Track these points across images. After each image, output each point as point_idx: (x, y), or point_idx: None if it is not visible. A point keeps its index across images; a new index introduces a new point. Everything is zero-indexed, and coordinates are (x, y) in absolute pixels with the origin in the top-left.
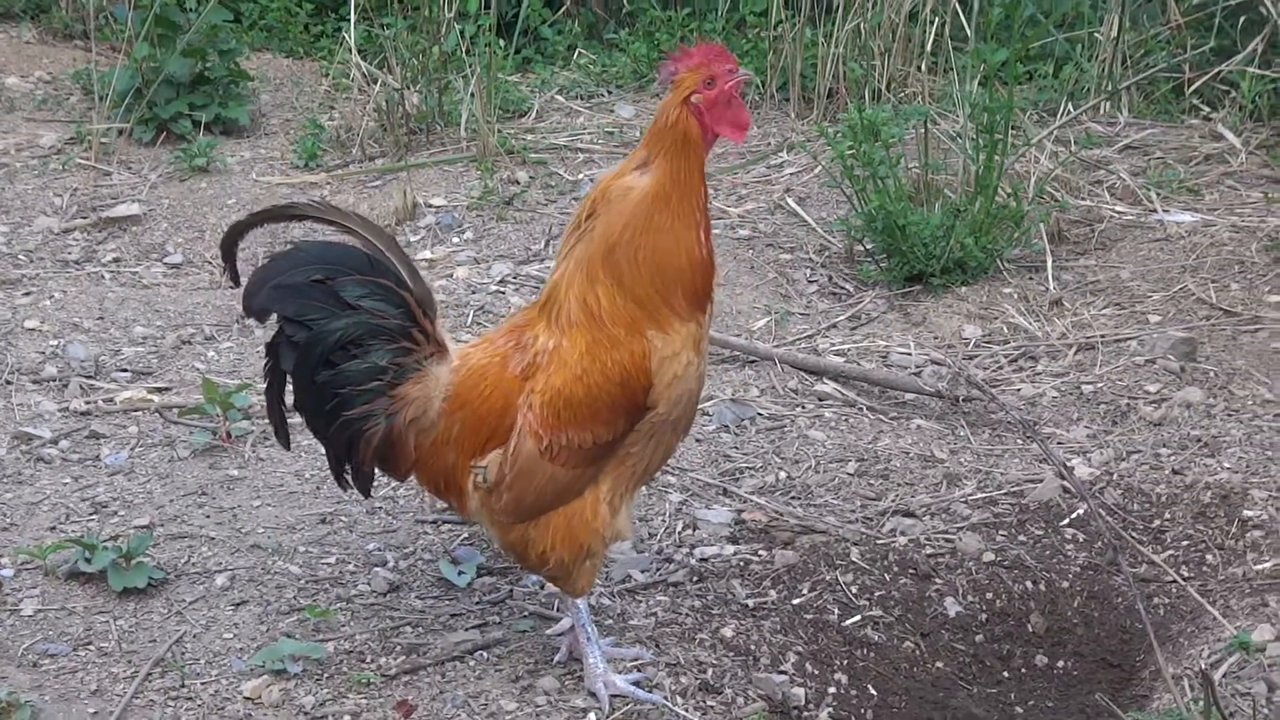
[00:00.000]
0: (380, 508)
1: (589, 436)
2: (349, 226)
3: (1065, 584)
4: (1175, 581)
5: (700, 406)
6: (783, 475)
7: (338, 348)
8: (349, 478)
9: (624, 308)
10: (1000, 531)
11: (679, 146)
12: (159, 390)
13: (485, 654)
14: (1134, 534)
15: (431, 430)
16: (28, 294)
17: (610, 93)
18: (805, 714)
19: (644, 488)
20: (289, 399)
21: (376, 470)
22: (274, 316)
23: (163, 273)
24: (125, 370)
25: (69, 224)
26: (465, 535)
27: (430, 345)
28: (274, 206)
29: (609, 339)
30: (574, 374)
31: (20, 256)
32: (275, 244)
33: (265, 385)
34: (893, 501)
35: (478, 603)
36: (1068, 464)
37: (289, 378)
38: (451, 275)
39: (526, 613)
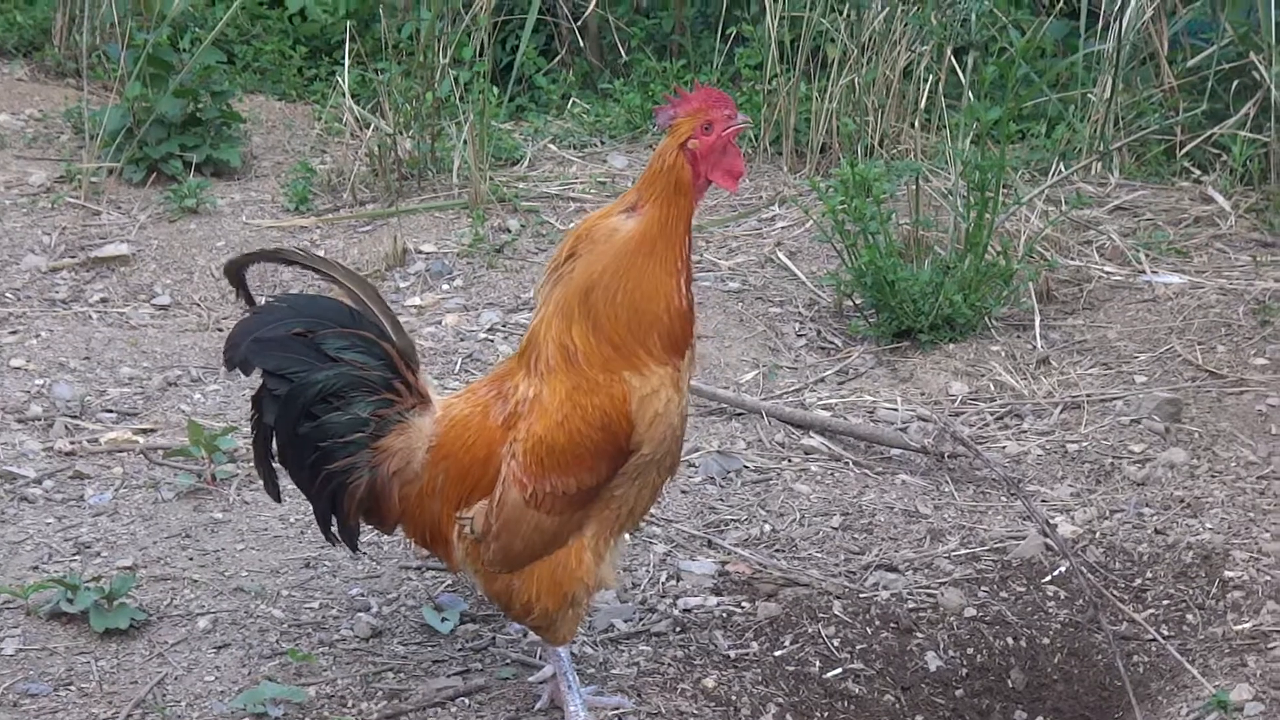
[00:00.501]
0: (364, 553)
1: (573, 482)
2: (333, 276)
3: (1046, 640)
4: (1155, 640)
5: (686, 458)
6: (767, 528)
7: (319, 400)
8: (335, 532)
9: (598, 349)
10: (982, 587)
11: (670, 193)
12: (144, 431)
13: (467, 700)
14: (1115, 592)
15: (416, 482)
16: (14, 332)
17: (603, 143)
18: None
19: (629, 537)
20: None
21: (363, 524)
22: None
23: (150, 314)
24: (111, 411)
25: (57, 263)
26: (449, 582)
27: (413, 397)
28: (263, 250)
29: (588, 384)
30: (555, 420)
31: (7, 295)
32: (264, 286)
33: (252, 438)
34: (876, 556)
35: (460, 649)
36: (1051, 522)
37: (273, 431)
38: (440, 322)
39: (509, 660)
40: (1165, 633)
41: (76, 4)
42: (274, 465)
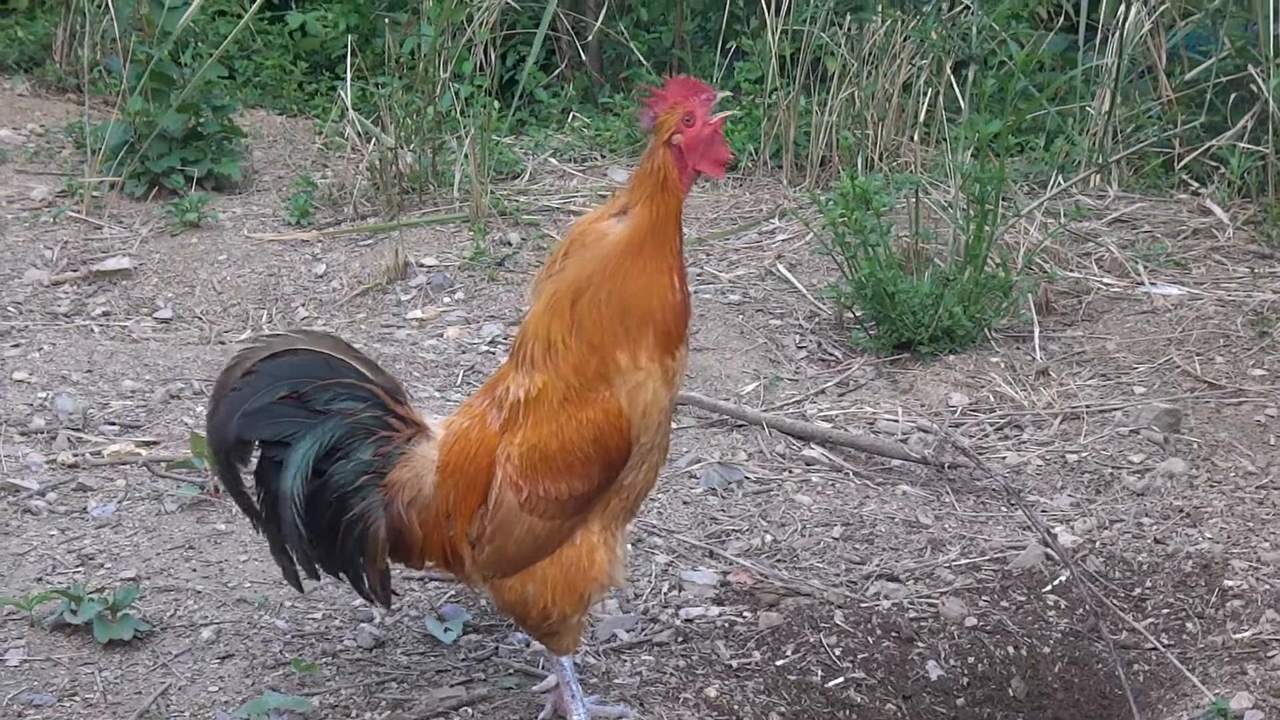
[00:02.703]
0: None
1: (565, 488)
2: (295, 348)
3: (1046, 649)
4: (1155, 649)
5: (688, 469)
6: (769, 538)
7: (322, 456)
8: (367, 586)
9: (577, 349)
10: (983, 597)
11: (658, 191)
12: (147, 444)
13: (470, 710)
14: (1115, 601)
15: (430, 506)
16: (16, 346)
17: (604, 156)
18: None
19: (630, 547)
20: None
21: (391, 567)
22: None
23: (152, 327)
24: (113, 423)
25: (59, 276)
26: (452, 592)
27: (409, 428)
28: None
29: (580, 395)
30: (549, 429)
31: (9, 308)
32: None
33: (264, 524)
34: (877, 566)
35: (463, 659)
36: (1051, 531)
37: (282, 504)
38: (442, 335)
39: (512, 670)
40: (1165, 641)
41: (77, 19)
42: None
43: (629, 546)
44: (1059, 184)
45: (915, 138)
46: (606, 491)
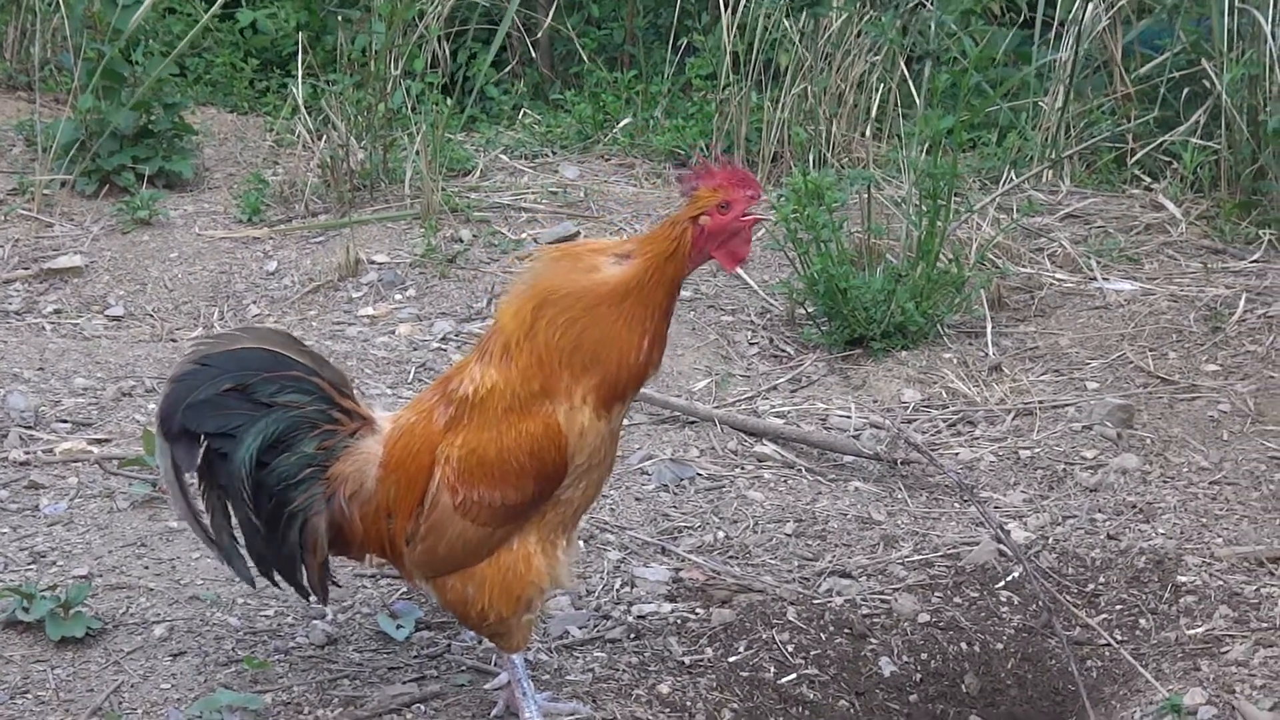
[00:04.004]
0: None
1: (499, 496)
2: (241, 346)
3: (1000, 645)
4: (1109, 645)
5: (640, 466)
6: (721, 535)
7: (266, 448)
8: (306, 581)
9: (529, 362)
10: (936, 593)
11: (662, 257)
12: (99, 442)
13: (422, 707)
14: (1068, 597)
15: (371, 500)
16: None
17: (555, 153)
18: None
19: (582, 544)
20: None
21: (331, 559)
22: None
23: (104, 325)
24: (65, 421)
25: (10, 274)
26: (404, 589)
27: (354, 422)
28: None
29: (523, 406)
30: (490, 435)
31: None
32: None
33: (209, 515)
34: (830, 562)
35: (415, 656)
36: (1004, 527)
37: (226, 494)
38: (394, 332)
39: (464, 667)
40: (1119, 637)
41: (29, 17)
42: (235, 538)
43: (580, 544)
44: (1012, 179)
45: (868, 133)
46: (543, 504)
